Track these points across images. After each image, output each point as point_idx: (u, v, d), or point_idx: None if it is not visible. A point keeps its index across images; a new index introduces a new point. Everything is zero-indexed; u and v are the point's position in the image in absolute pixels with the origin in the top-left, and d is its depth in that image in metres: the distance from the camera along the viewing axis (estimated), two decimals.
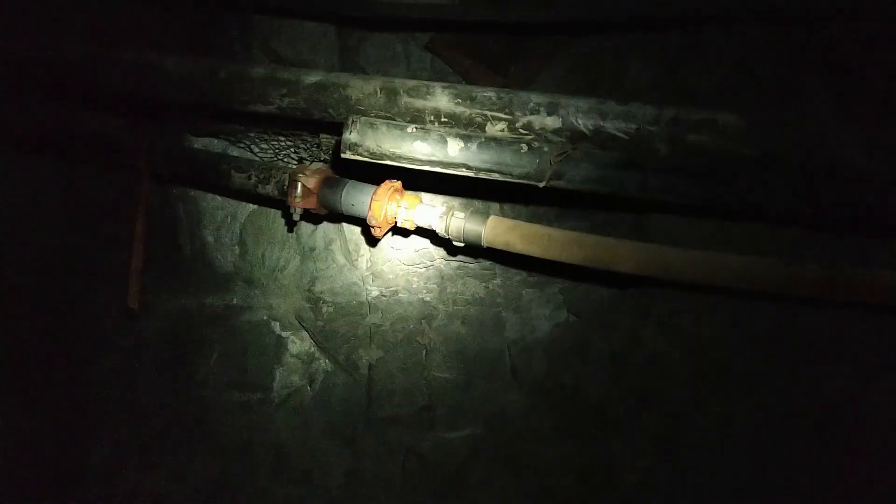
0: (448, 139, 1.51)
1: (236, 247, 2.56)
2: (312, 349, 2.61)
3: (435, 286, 2.49)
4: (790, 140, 1.42)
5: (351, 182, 1.77)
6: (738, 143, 1.40)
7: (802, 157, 1.44)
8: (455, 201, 2.34)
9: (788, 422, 2.34)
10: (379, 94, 1.56)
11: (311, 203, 1.81)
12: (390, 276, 2.49)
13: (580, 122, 1.44)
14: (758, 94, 2.13)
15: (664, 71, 2.15)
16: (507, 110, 1.48)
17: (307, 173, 1.79)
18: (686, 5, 1.90)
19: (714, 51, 2.12)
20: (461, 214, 1.63)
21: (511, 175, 1.50)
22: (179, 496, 2.68)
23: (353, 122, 1.55)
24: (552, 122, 1.45)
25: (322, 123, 1.72)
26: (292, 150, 2.38)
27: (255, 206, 2.53)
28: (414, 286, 2.49)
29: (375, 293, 2.52)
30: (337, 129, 1.62)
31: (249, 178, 1.98)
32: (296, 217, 1.84)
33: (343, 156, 1.57)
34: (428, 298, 2.49)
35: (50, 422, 2.69)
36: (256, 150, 2.42)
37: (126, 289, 2.17)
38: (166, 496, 2.68)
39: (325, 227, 2.49)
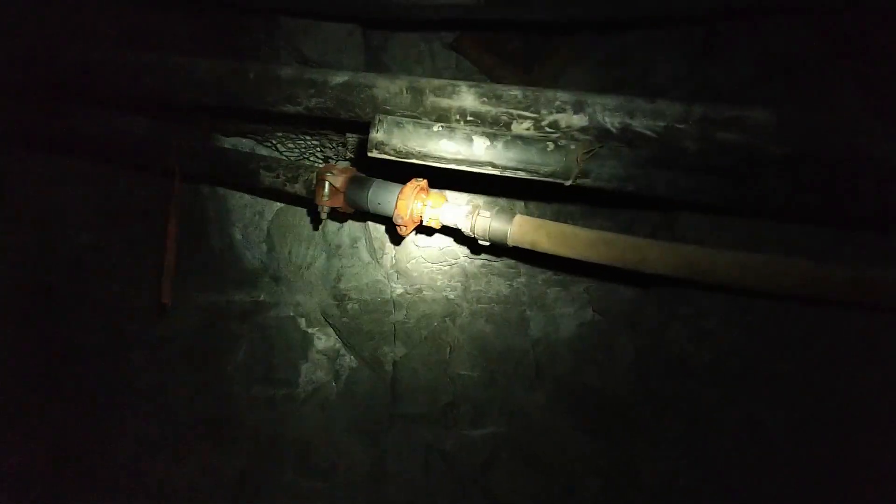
0: (474, 137, 1.51)
1: (264, 244, 2.59)
2: (338, 345, 2.63)
3: (459, 284, 2.49)
4: (821, 137, 1.40)
5: (378, 181, 1.78)
6: (768, 141, 1.38)
7: (834, 155, 1.42)
8: (480, 200, 2.34)
9: (817, 425, 2.31)
10: (405, 94, 1.57)
11: (339, 202, 1.82)
12: (415, 274, 2.50)
13: (607, 120, 1.43)
14: (786, 89, 2.10)
15: (691, 67, 2.14)
16: (533, 109, 1.48)
17: (335, 172, 1.81)
18: (712, 1, 1.89)
19: (741, 45, 2.10)
20: (487, 213, 1.63)
21: (537, 173, 1.50)
22: (206, 489, 2.72)
23: (379, 121, 1.56)
24: (579, 120, 1.45)
25: (348, 123, 1.74)
26: (318, 149, 2.39)
27: (283, 204, 2.55)
28: (438, 284, 2.50)
29: (400, 290, 2.53)
30: (363, 128, 1.63)
31: (278, 176, 2.01)
32: (323, 216, 1.86)
33: (369, 154, 1.58)
34: (452, 296, 2.50)
35: (80, 415, 2.74)
36: (283, 149, 2.44)
37: (158, 285, 2.20)
38: (193, 489, 2.72)
39: (351, 224, 2.51)
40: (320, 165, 2.26)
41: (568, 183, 1.50)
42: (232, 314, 2.64)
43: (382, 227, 2.49)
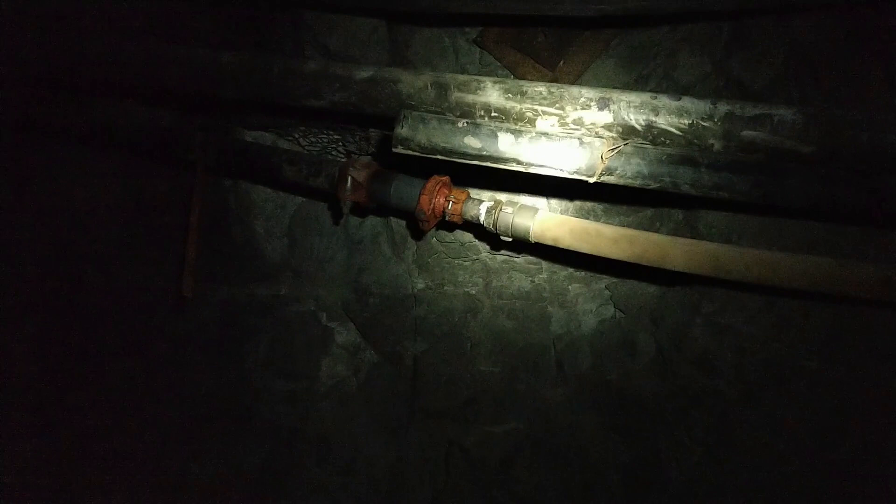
0: (499, 134, 1.51)
1: (285, 238, 2.60)
2: (358, 340, 2.64)
3: (480, 280, 2.49)
4: (847, 135, 1.38)
5: (400, 176, 1.79)
6: (795, 140, 1.37)
7: (860, 153, 1.40)
8: (502, 196, 2.33)
9: (842, 423, 2.28)
10: (430, 89, 1.57)
11: (361, 196, 1.83)
12: (436, 269, 2.50)
13: (632, 117, 1.42)
14: (813, 85, 2.08)
15: (716, 63, 2.12)
16: (557, 105, 1.47)
17: (357, 167, 1.81)
18: None
19: (767, 41, 2.07)
20: (509, 209, 1.63)
21: (562, 170, 1.50)
22: (226, 481, 2.75)
23: (404, 116, 1.57)
24: (603, 117, 1.44)
25: (371, 117, 1.74)
26: (340, 143, 2.40)
27: (304, 199, 2.57)
28: (459, 279, 2.50)
29: (421, 286, 2.53)
30: (386, 123, 1.63)
31: (300, 171, 2.01)
32: (345, 210, 1.86)
33: (394, 150, 1.59)
34: (473, 292, 2.50)
35: (102, 407, 2.79)
36: (305, 143, 2.45)
37: (180, 279, 2.22)
38: (213, 482, 2.75)
39: (372, 219, 2.52)
40: (342, 160, 2.27)
41: (592, 180, 1.50)
42: (253, 308, 2.66)
43: (404, 222, 2.49)
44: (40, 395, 2.76)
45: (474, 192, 1.98)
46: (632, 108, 1.43)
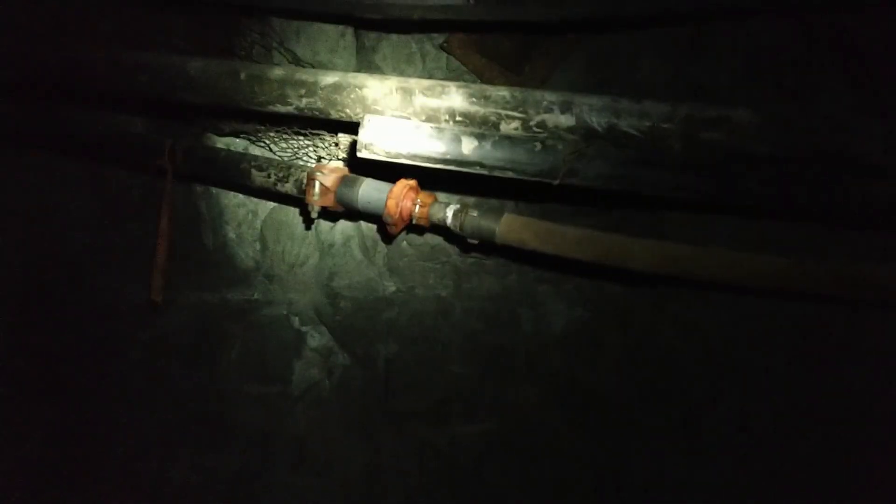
0: (463, 138, 1.53)
1: (257, 243, 2.60)
2: (331, 343, 2.64)
3: (451, 282, 2.51)
4: (805, 137, 1.42)
5: (367, 180, 1.80)
6: (753, 141, 1.41)
7: (818, 153, 1.44)
8: (469, 199, 2.35)
9: (805, 419, 2.34)
10: (395, 94, 1.59)
11: (329, 201, 1.84)
12: (407, 272, 2.52)
13: (594, 120, 1.45)
14: (772, 88, 2.13)
15: (677, 67, 2.16)
16: (521, 109, 1.50)
17: (325, 172, 1.82)
18: (698, 1, 1.91)
19: (727, 45, 2.12)
20: (475, 212, 1.66)
21: (525, 173, 1.52)
22: (201, 486, 2.73)
23: (368, 121, 1.58)
24: (566, 120, 1.47)
25: (339, 123, 1.75)
26: (311, 148, 2.40)
27: (275, 204, 2.56)
28: (430, 282, 2.52)
29: (392, 289, 2.54)
30: (353, 128, 1.65)
31: (269, 176, 2.02)
32: (314, 215, 1.87)
33: (359, 155, 1.60)
34: (444, 294, 2.52)
35: (74, 414, 2.75)
36: (276, 148, 2.45)
37: (150, 284, 2.22)
38: (188, 487, 2.74)
39: (343, 223, 2.52)
40: (313, 165, 2.27)
41: (555, 182, 1.52)
42: (225, 313, 2.65)
43: (374, 226, 2.50)
44: (11, 404, 2.72)
45: (442, 196, 2.00)
46: (594, 112, 1.46)
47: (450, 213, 1.70)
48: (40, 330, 2.72)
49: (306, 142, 2.36)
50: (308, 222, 2.51)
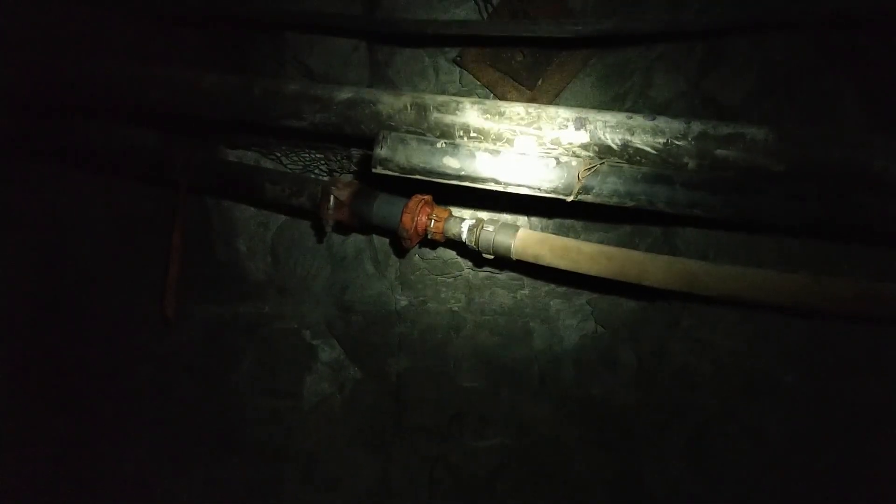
0: (477, 154, 1.53)
1: (269, 256, 2.60)
2: (342, 357, 2.64)
3: (463, 296, 2.50)
4: (819, 153, 1.41)
5: (382, 195, 1.80)
6: (768, 158, 1.40)
7: (833, 170, 1.43)
8: (483, 214, 2.35)
9: (819, 436, 2.32)
10: (409, 110, 1.59)
11: (343, 215, 1.84)
12: (419, 286, 2.52)
13: (608, 136, 1.45)
14: (787, 103, 2.12)
15: (691, 82, 2.16)
16: (535, 125, 1.50)
17: (339, 186, 1.83)
18: (711, 17, 1.91)
19: (741, 60, 2.12)
20: (491, 227, 1.66)
21: (539, 189, 1.52)
22: (212, 500, 2.73)
23: (383, 137, 1.58)
24: (580, 136, 1.47)
25: (352, 138, 1.75)
26: (322, 162, 2.41)
27: (287, 217, 2.57)
28: (442, 296, 2.51)
29: (404, 303, 2.54)
30: (367, 142, 1.65)
31: (283, 190, 2.03)
32: (328, 229, 1.88)
33: (374, 171, 1.60)
34: (456, 308, 2.51)
35: (85, 427, 2.76)
36: (287, 162, 2.46)
37: (163, 298, 2.22)
38: (199, 500, 2.73)
39: (355, 237, 2.52)
40: (324, 178, 2.28)
41: (570, 199, 1.52)
42: (237, 326, 2.65)
43: (387, 239, 2.50)
44: (22, 416, 2.73)
45: (456, 211, 2.00)
46: (608, 128, 1.45)
47: (465, 228, 1.70)
48: (52, 343, 2.73)
49: (318, 155, 2.37)
50: (320, 235, 2.51)
